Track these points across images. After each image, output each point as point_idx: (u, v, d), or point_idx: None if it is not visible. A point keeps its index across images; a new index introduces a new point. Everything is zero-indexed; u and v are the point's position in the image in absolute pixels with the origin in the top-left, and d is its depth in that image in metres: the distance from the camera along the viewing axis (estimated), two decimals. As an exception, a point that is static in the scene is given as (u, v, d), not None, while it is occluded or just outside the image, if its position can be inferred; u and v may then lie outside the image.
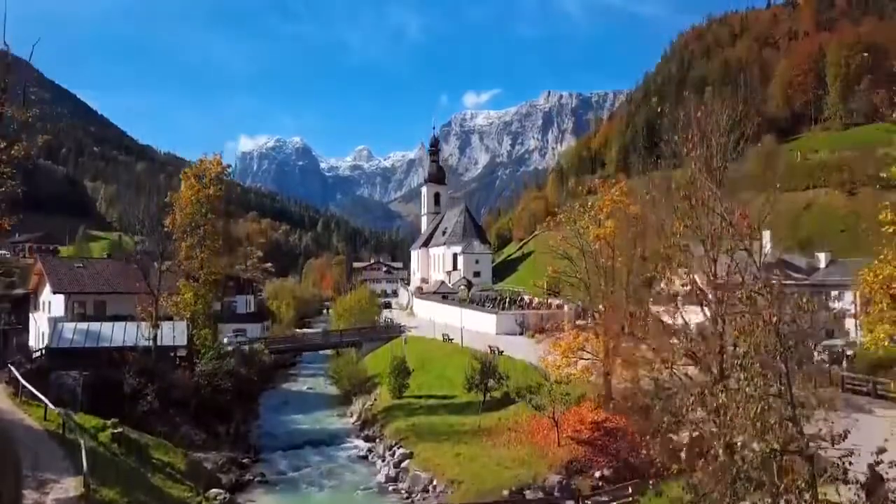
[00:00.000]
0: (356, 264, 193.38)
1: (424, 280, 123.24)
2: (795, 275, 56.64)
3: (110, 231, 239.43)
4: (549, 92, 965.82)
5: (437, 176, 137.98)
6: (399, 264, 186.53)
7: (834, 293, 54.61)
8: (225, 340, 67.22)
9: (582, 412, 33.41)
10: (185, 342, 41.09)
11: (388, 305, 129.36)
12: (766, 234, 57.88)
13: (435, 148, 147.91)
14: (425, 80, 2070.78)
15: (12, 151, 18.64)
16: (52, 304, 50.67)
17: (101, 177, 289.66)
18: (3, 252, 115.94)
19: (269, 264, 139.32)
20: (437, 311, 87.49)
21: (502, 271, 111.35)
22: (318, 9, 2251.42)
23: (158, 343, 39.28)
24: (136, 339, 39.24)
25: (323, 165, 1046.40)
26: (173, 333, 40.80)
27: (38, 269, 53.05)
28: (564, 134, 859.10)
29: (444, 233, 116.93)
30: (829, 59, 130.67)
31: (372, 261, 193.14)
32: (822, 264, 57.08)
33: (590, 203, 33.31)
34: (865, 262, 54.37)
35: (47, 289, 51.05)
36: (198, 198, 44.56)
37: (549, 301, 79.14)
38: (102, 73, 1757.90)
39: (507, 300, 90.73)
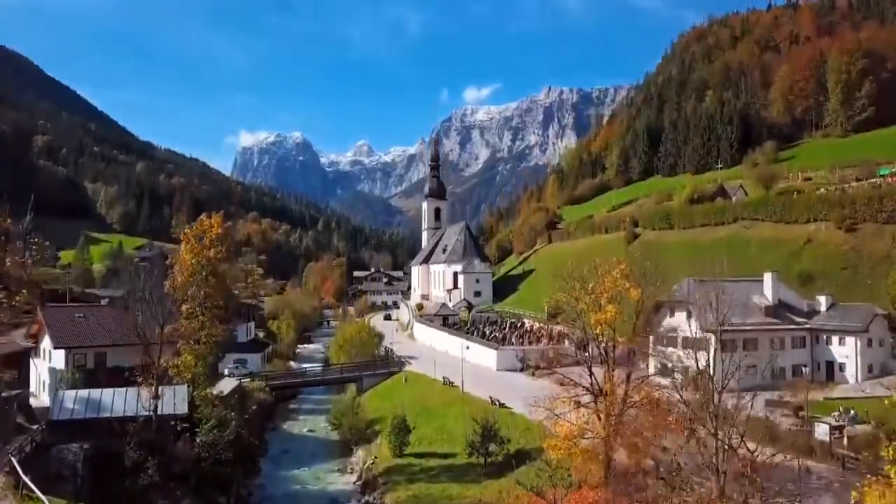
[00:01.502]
0: (357, 273, 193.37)
1: (425, 297, 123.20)
2: (796, 318, 56.52)
3: (111, 233, 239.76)
4: (550, 87, 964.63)
5: (438, 191, 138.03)
6: (399, 273, 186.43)
7: (835, 338, 54.55)
8: (226, 372, 67.39)
9: (583, 493, 33.26)
10: (185, 409, 40.91)
11: (388, 318, 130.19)
12: (768, 277, 57.98)
13: (435, 162, 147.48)
14: (425, 75, 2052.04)
15: (13, 303, 18.53)
16: (52, 353, 50.66)
17: (102, 178, 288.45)
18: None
19: (271, 280, 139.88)
20: (437, 338, 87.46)
21: (503, 289, 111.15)
22: (317, 5, 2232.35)
23: (159, 412, 39.13)
24: (136, 409, 39.03)
25: (323, 160, 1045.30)
26: (174, 400, 40.59)
27: (38, 319, 52.96)
28: (565, 129, 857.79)
29: (444, 250, 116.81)
30: (830, 65, 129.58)
31: (373, 269, 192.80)
32: (823, 307, 56.71)
33: (590, 286, 33.02)
34: (865, 306, 54.13)
35: (48, 338, 51.04)
36: (198, 259, 44.35)
37: (549, 328, 78.98)
38: (103, 69, 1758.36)
39: (508, 324, 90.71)
